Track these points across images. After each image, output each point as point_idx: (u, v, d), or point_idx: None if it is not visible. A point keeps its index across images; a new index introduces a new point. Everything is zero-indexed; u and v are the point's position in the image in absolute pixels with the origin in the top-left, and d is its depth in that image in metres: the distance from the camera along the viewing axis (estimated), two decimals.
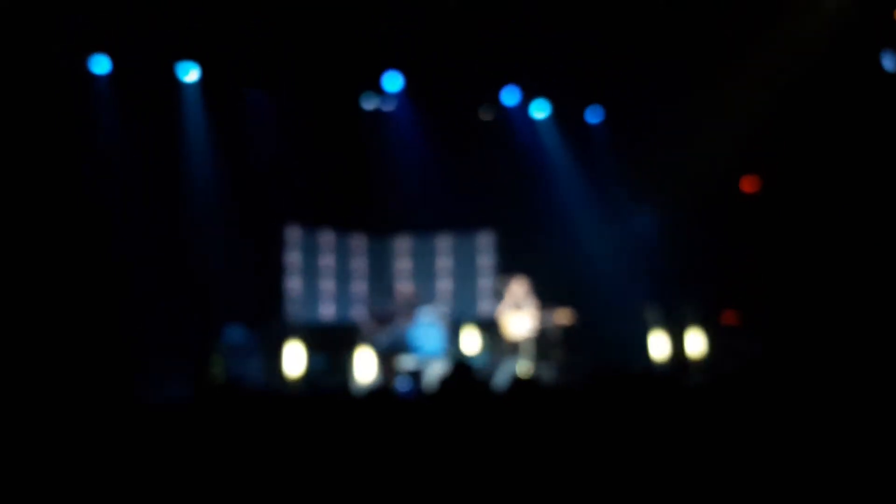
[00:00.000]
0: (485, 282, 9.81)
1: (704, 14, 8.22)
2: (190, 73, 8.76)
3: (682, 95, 9.05)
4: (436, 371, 7.76)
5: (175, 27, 8.14)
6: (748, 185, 9.56)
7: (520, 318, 8.63)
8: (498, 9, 8.26)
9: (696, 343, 8.61)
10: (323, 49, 8.69)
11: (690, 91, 8.97)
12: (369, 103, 9.75)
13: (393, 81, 9.45)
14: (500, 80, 9.71)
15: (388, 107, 9.76)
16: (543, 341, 8.66)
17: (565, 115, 9.98)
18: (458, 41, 8.63)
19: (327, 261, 9.75)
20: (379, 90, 9.57)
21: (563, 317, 8.47)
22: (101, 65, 8.31)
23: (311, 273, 9.58)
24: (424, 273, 9.28)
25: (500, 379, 7.81)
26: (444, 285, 8.88)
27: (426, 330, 8.65)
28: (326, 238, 9.81)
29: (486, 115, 10.06)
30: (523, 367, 8.43)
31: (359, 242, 10.04)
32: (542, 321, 8.55)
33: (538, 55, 8.88)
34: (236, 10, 8.02)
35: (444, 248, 10.06)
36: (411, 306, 8.77)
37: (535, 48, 8.74)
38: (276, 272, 9.30)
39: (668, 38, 8.52)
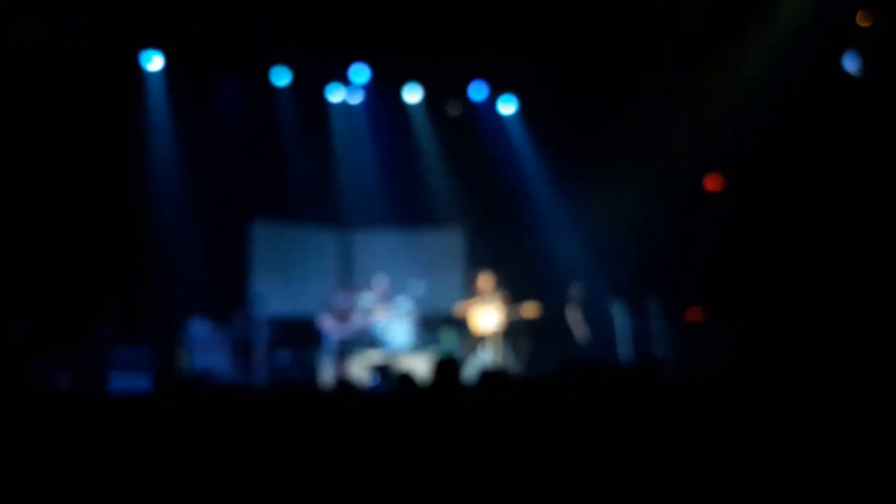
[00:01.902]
0: (454, 276, 9.80)
1: (673, 14, 8.29)
2: (154, 62, 8.62)
3: (649, 94, 9.12)
4: (405, 365, 7.72)
5: (140, 14, 8.01)
6: (712, 183, 9.66)
7: (487, 312, 8.63)
8: (468, 4, 8.25)
9: (660, 338, 8.68)
10: (291, 39, 8.61)
11: (657, 90, 9.05)
12: (335, 95, 9.68)
13: (360, 73, 9.39)
14: (468, 76, 9.71)
15: (355, 99, 9.70)
16: (511, 335, 8.67)
17: (532, 110, 10.00)
18: (427, 35, 8.60)
19: (294, 255, 9.66)
20: (345, 82, 9.50)
21: (529, 310, 8.49)
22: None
23: (277, 267, 9.49)
24: (393, 268, 9.23)
25: (469, 372, 7.80)
26: (414, 280, 8.85)
27: (394, 324, 8.61)
28: (293, 232, 9.72)
29: (453, 111, 10.04)
30: (491, 360, 8.44)
31: (326, 236, 9.96)
32: (510, 314, 8.55)
33: (506, 50, 8.88)
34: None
35: (413, 242, 10.03)
36: (384, 300, 8.72)
37: (503, 43, 8.74)
38: (243, 266, 9.21)
39: (637, 37, 8.58)
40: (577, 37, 8.66)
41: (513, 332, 8.67)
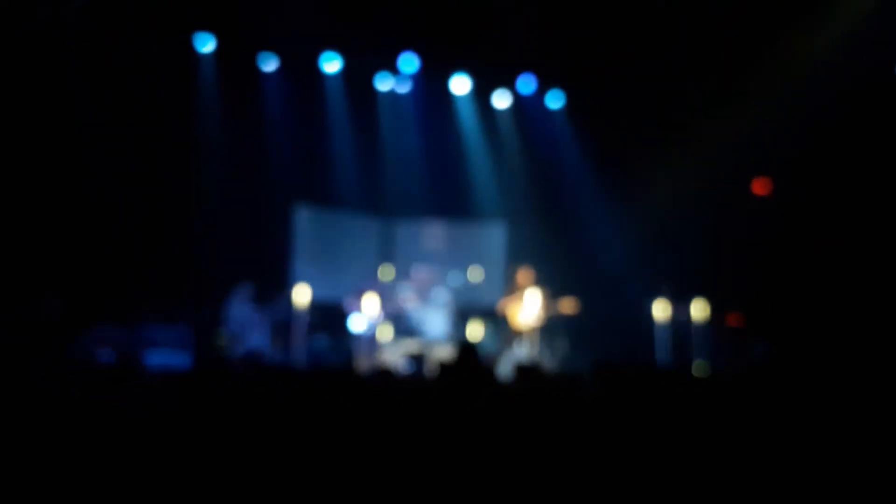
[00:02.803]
0: (494, 270, 9.80)
1: (722, 15, 8.19)
2: (207, 45, 8.75)
3: (699, 94, 9.02)
4: (440, 355, 7.77)
5: None
6: (760, 187, 9.52)
7: (525, 308, 8.63)
8: None
9: (699, 341, 8.59)
10: (342, 26, 8.66)
11: (707, 90, 8.94)
12: (384, 84, 9.71)
13: (408, 63, 9.41)
14: (517, 68, 9.67)
15: (403, 88, 9.72)
16: (548, 331, 8.66)
17: (579, 106, 9.93)
18: (478, 26, 8.59)
19: (336, 241, 9.74)
20: (394, 71, 9.53)
21: (567, 306, 8.47)
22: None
23: (319, 252, 9.57)
24: (434, 259, 9.27)
25: (505, 367, 7.82)
26: (454, 272, 8.88)
27: (432, 314, 8.66)
28: (336, 218, 9.80)
29: (500, 103, 10.01)
30: (527, 355, 8.44)
31: (369, 224, 10.02)
32: (548, 310, 8.54)
33: (556, 45, 8.84)
34: None
35: (454, 234, 10.05)
36: (423, 290, 8.77)
37: (553, 37, 8.70)
38: (285, 249, 9.30)
39: (686, 35, 8.49)
40: (626, 34, 8.59)
41: (549, 329, 8.66)
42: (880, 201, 8.25)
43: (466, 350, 4.58)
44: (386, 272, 8.83)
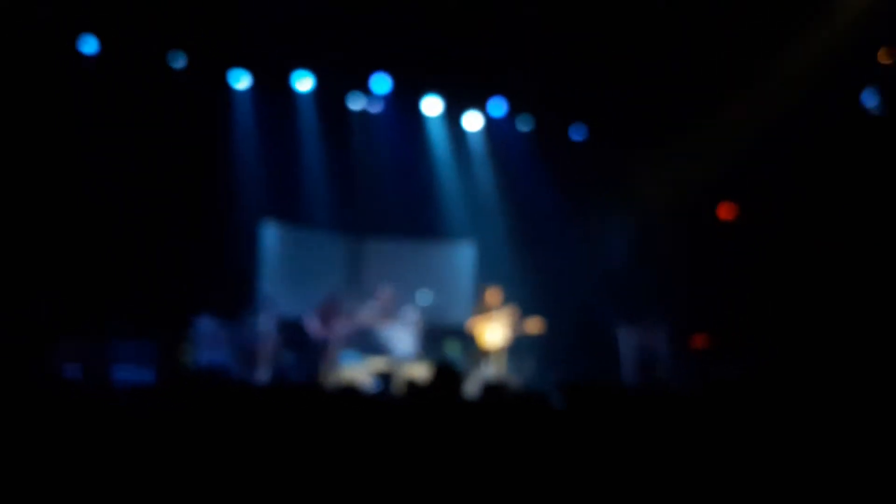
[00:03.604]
0: (463, 290, 9.82)
1: (694, 43, 8.34)
2: (179, 61, 8.72)
3: (667, 119, 9.16)
4: (408, 373, 7.75)
5: (167, 16, 8.12)
6: (725, 211, 9.67)
7: (493, 327, 8.66)
8: (490, 21, 8.32)
9: (664, 363, 8.68)
10: (314, 45, 8.70)
11: (675, 116, 9.08)
12: (356, 104, 9.74)
13: (381, 83, 9.46)
14: (486, 91, 9.76)
15: (375, 109, 9.76)
16: (515, 351, 8.69)
17: (549, 130, 10.04)
18: (450, 48, 8.67)
19: (304, 258, 9.71)
20: (366, 91, 9.57)
21: (533, 326, 8.52)
22: (89, 45, 8.30)
23: (286, 269, 9.53)
24: (402, 277, 9.28)
25: (472, 385, 7.82)
26: (422, 290, 8.90)
27: (399, 333, 8.65)
28: (304, 235, 9.78)
29: (471, 125, 10.09)
30: (494, 374, 8.45)
31: (337, 242, 10.00)
32: (515, 329, 8.58)
33: (527, 69, 8.94)
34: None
35: (424, 254, 10.07)
36: (388, 309, 8.76)
37: (525, 62, 8.80)
38: (252, 266, 9.26)
39: (658, 63, 8.63)
40: (597, 60, 8.71)
41: (517, 349, 8.70)
42: (846, 225, 8.42)
43: (446, 373, 4.54)
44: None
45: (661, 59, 8.53)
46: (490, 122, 10.05)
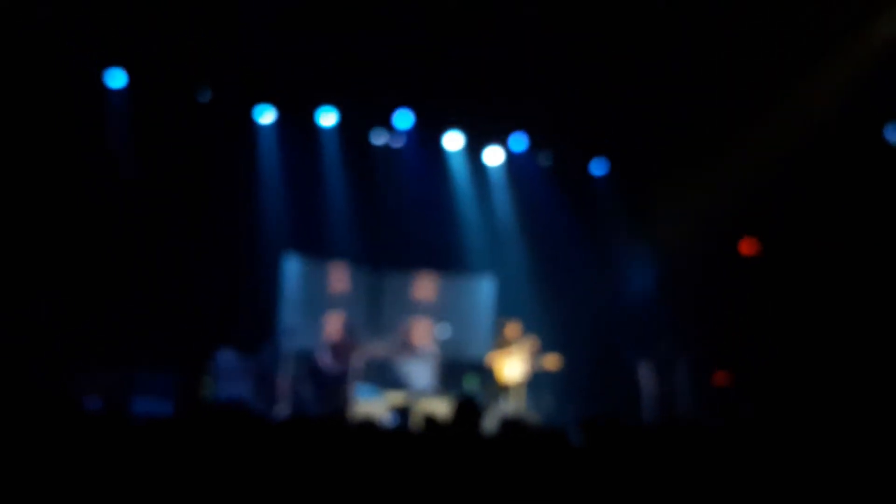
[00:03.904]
0: (482, 324, 9.80)
1: (715, 77, 8.35)
2: (207, 97, 8.86)
3: (688, 154, 9.16)
4: (426, 408, 7.72)
5: (193, 50, 8.26)
6: (747, 247, 9.62)
7: (512, 362, 8.62)
8: (512, 58, 8.40)
9: (685, 400, 8.59)
10: (339, 82, 8.81)
11: (697, 150, 9.08)
12: (379, 139, 9.83)
13: (404, 119, 9.55)
14: (507, 126, 9.82)
15: (397, 143, 9.84)
16: (534, 386, 8.64)
17: (569, 165, 10.06)
18: (470, 85, 8.74)
19: (324, 291, 9.73)
20: (389, 126, 9.66)
21: (551, 362, 8.48)
22: (116, 79, 8.46)
23: (306, 302, 9.56)
24: (424, 311, 9.28)
25: (490, 420, 7.77)
26: (441, 324, 8.90)
27: (418, 366, 8.63)
28: (325, 268, 9.81)
29: (492, 159, 10.13)
30: (512, 409, 8.40)
31: (358, 276, 10.02)
32: (533, 365, 8.54)
33: (548, 104, 8.99)
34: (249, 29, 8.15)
35: (444, 287, 10.06)
36: (408, 345, 8.76)
37: (546, 97, 8.86)
38: (272, 299, 9.29)
39: (679, 98, 8.65)
40: (618, 95, 8.75)
41: (535, 384, 8.65)
42: (869, 262, 8.34)
43: (468, 408, 4.51)
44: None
45: (683, 94, 8.55)
46: (511, 157, 10.09)
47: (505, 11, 7.82)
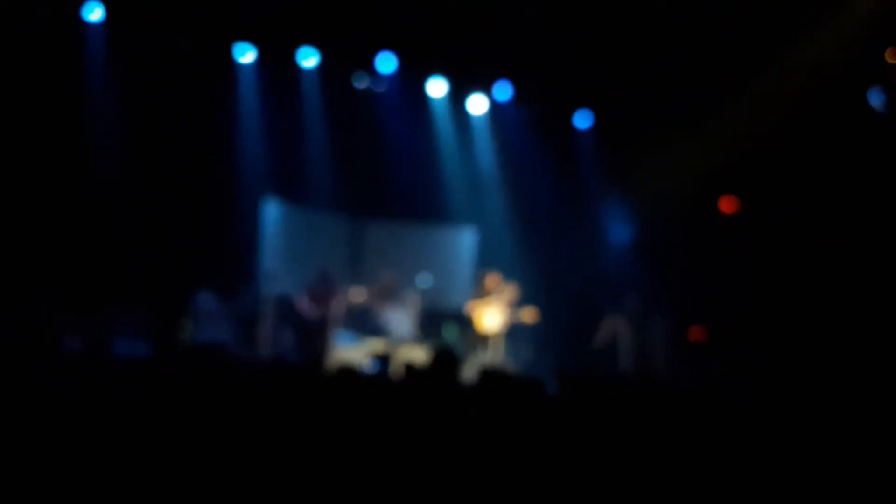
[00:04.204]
0: (462, 274, 9.83)
1: (701, 37, 8.31)
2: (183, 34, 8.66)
3: (672, 111, 9.13)
4: (406, 355, 7.78)
5: None
6: (727, 204, 9.67)
7: (491, 311, 8.68)
8: (499, 5, 8.28)
9: (660, 354, 8.71)
10: (321, 23, 8.65)
11: (680, 108, 9.05)
12: (360, 82, 9.69)
13: (386, 63, 9.41)
14: (492, 75, 9.72)
15: (380, 88, 9.71)
16: (512, 337, 8.71)
17: (554, 116, 10.00)
18: (455, 32, 8.63)
19: (305, 237, 9.70)
20: (371, 70, 9.52)
21: (528, 315, 8.55)
22: (93, 13, 8.26)
23: (287, 247, 9.52)
24: (403, 261, 9.29)
25: (469, 370, 7.85)
26: (422, 272, 8.93)
27: (398, 315, 8.67)
28: (305, 215, 9.76)
29: (476, 108, 10.04)
30: (490, 359, 8.49)
31: (339, 223, 9.99)
32: (510, 317, 8.61)
33: (534, 53, 8.90)
34: None
35: (425, 238, 10.06)
36: (389, 292, 8.77)
37: (532, 46, 8.76)
38: (253, 243, 9.24)
39: (664, 55, 8.60)
40: (605, 48, 8.69)
41: (514, 335, 8.72)
42: (848, 222, 8.42)
43: (445, 358, 4.54)
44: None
45: (668, 51, 8.51)
46: (495, 106, 10.01)
47: None
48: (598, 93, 9.50)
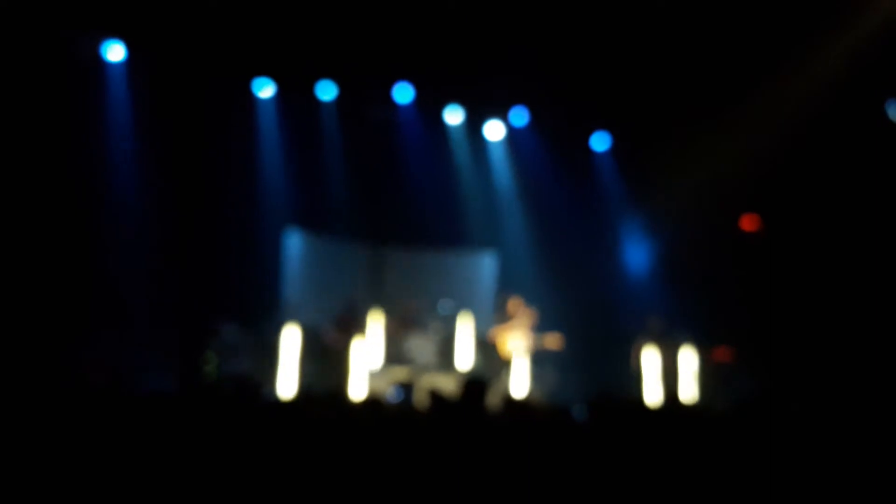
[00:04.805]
0: (484, 300, 9.82)
1: (718, 52, 8.31)
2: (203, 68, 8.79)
3: (690, 130, 9.12)
4: (429, 383, 7.76)
5: (192, 23, 8.18)
6: (748, 223, 9.61)
7: (514, 336, 8.66)
8: (511, 29, 8.34)
9: (687, 377, 8.62)
10: (336, 55, 8.75)
11: (698, 127, 9.04)
12: (379, 113, 9.77)
13: (404, 93, 9.49)
14: (510, 100, 9.77)
15: (397, 118, 9.77)
16: (537, 361, 8.67)
17: (571, 140, 10.02)
18: (471, 58, 8.69)
19: (326, 267, 9.74)
20: (389, 100, 9.60)
21: (551, 342, 8.53)
22: (115, 52, 8.40)
23: (309, 277, 9.56)
24: (425, 288, 9.31)
25: (493, 397, 7.80)
26: (444, 299, 8.94)
27: (421, 342, 8.66)
28: (327, 244, 9.81)
29: (493, 134, 10.08)
30: (514, 385, 8.44)
31: (360, 252, 10.02)
32: (534, 343, 8.58)
33: (549, 78, 8.94)
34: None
35: (446, 264, 10.07)
36: (411, 319, 8.78)
37: (547, 71, 8.81)
38: (275, 274, 9.29)
39: (681, 73, 8.61)
40: (620, 69, 8.71)
41: (538, 359, 8.68)
42: (870, 238, 8.35)
43: (475, 386, 4.52)
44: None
45: (685, 69, 8.51)
46: (512, 132, 10.05)
47: None
48: (615, 115, 9.52)
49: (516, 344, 8.64)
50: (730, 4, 7.83)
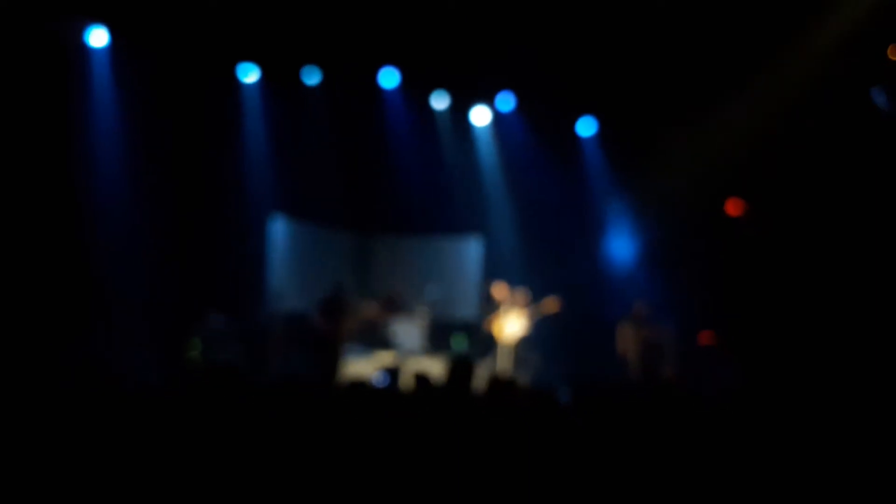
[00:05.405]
0: (470, 285, 9.85)
1: (703, 38, 8.32)
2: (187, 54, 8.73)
3: (675, 115, 9.15)
4: (415, 368, 7.79)
5: (177, 9, 8.13)
6: (733, 207, 9.66)
7: (510, 321, 8.70)
8: (497, 14, 8.33)
9: (671, 361, 8.69)
10: (321, 40, 8.71)
11: (683, 112, 9.07)
12: (366, 98, 9.73)
13: (389, 78, 9.46)
14: (496, 85, 9.76)
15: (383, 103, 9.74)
16: (522, 345, 8.72)
17: (557, 125, 10.03)
18: (458, 43, 8.67)
19: (312, 254, 9.74)
20: (376, 85, 9.56)
21: (550, 305, 8.57)
22: (98, 38, 8.33)
23: (295, 265, 9.56)
24: (411, 274, 9.32)
25: (478, 380, 7.85)
26: (430, 285, 8.97)
27: (406, 327, 8.69)
28: (313, 231, 9.80)
29: (478, 120, 10.08)
30: (499, 368, 8.49)
31: (345, 239, 10.02)
32: (532, 314, 8.63)
33: (536, 63, 8.94)
34: None
35: (431, 250, 10.09)
36: (397, 304, 8.80)
37: (534, 56, 8.80)
38: (261, 262, 9.28)
39: (666, 58, 8.62)
40: (606, 54, 8.72)
41: (523, 343, 8.73)
42: (854, 223, 8.41)
43: (461, 368, 4.55)
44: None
45: (669, 54, 8.52)
46: (498, 117, 10.04)
47: None
48: (601, 100, 9.52)
49: (514, 326, 8.68)
50: None
